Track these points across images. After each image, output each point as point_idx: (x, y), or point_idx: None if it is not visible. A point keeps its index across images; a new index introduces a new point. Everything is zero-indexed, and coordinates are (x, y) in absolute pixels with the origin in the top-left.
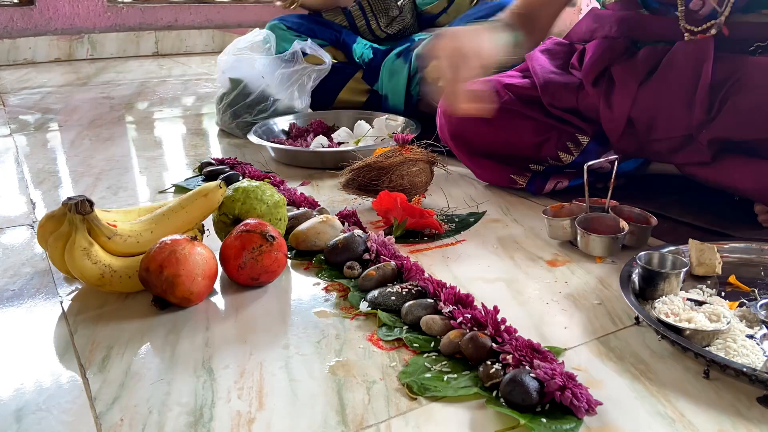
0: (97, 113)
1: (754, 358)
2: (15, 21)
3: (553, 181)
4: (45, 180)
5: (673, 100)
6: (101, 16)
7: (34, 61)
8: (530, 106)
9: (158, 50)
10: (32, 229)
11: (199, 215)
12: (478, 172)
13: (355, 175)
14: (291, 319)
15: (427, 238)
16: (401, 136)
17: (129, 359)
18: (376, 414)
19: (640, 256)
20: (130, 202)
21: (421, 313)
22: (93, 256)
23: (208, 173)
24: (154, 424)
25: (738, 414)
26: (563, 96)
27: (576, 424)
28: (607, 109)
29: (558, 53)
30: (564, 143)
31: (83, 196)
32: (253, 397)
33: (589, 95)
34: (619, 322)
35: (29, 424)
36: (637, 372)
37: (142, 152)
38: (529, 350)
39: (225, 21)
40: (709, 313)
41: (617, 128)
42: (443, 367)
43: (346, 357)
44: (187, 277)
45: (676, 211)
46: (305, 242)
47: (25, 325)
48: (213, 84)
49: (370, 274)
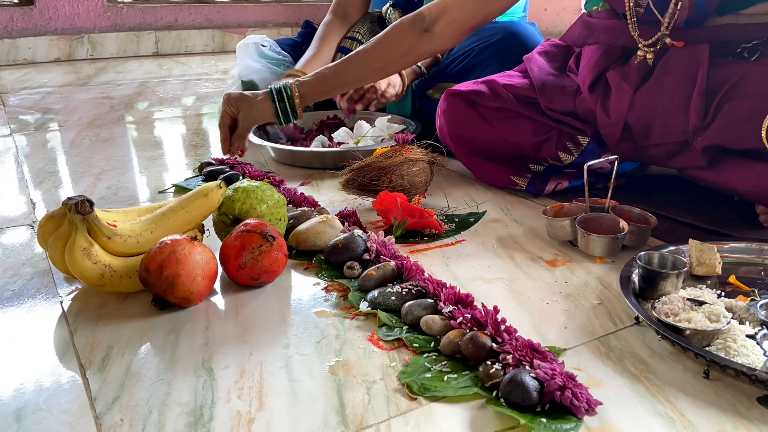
0: (97, 113)
1: (754, 358)
2: (15, 21)
3: (553, 182)
4: (45, 180)
5: (669, 106)
6: (101, 16)
7: (34, 61)
8: (529, 106)
9: (158, 50)
10: (32, 229)
11: (199, 215)
12: (477, 173)
13: (355, 175)
14: (291, 319)
15: (427, 238)
16: (401, 136)
17: (129, 359)
18: (376, 414)
19: (640, 256)
20: (130, 202)
21: (421, 313)
22: (93, 256)
23: (208, 173)
24: (154, 424)
25: (738, 414)
26: (561, 100)
27: (576, 424)
28: (603, 114)
29: (556, 55)
30: (564, 143)
31: (83, 196)
32: (253, 397)
33: (586, 100)
34: (619, 322)
35: (29, 424)
36: (636, 372)
37: (142, 152)
38: (529, 350)
39: (225, 21)
40: (709, 313)
41: (614, 134)
42: (443, 367)
43: (346, 357)
44: (187, 277)
45: (676, 211)
46: (305, 242)
47: (25, 325)
48: (213, 84)
49: (370, 274)
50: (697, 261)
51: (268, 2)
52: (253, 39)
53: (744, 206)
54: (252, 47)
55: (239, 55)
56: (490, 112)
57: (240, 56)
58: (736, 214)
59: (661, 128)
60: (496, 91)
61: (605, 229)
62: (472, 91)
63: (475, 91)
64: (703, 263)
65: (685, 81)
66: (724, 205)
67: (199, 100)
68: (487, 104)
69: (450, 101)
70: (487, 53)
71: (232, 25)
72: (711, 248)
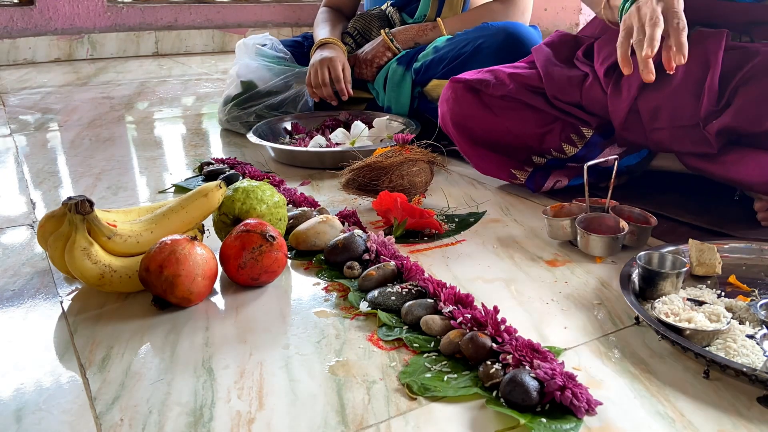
0: (97, 113)
1: (754, 358)
2: (15, 21)
3: (552, 178)
4: (45, 180)
5: (681, 90)
6: (101, 16)
7: (34, 61)
8: (534, 96)
9: (158, 50)
10: (32, 229)
11: (199, 215)
12: (478, 163)
13: (355, 175)
14: (291, 319)
15: (427, 238)
16: (401, 136)
17: (129, 359)
18: (376, 414)
19: (640, 256)
20: (130, 202)
21: (421, 313)
22: (93, 256)
23: (208, 173)
24: (154, 424)
25: (738, 414)
26: (567, 90)
27: (576, 424)
28: (614, 94)
29: (563, 46)
30: (568, 135)
31: (83, 196)
32: (253, 397)
33: (595, 87)
34: (619, 322)
35: (29, 424)
36: (636, 372)
37: (142, 152)
38: (529, 350)
39: (225, 21)
40: (709, 313)
41: (622, 113)
42: (443, 367)
43: (346, 357)
44: (187, 277)
45: (676, 211)
46: (305, 242)
47: (25, 325)
48: (213, 84)
49: (370, 274)
50: (697, 261)
51: (268, 2)
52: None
53: (744, 205)
54: (251, 46)
55: (238, 55)
56: (495, 100)
57: (238, 55)
58: (737, 214)
59: (671, 112)
60: (502, 80)
61: (605, 229)
62: (477, 80)
63: (480, 79)
64: (703, 263)
65: (701, 64)
66: (723, 205)
67: (199, 100)
68: (492, 93)
69: (454, 89)
70: (487, 53)
71: (232, 25)
72: (711, 248)
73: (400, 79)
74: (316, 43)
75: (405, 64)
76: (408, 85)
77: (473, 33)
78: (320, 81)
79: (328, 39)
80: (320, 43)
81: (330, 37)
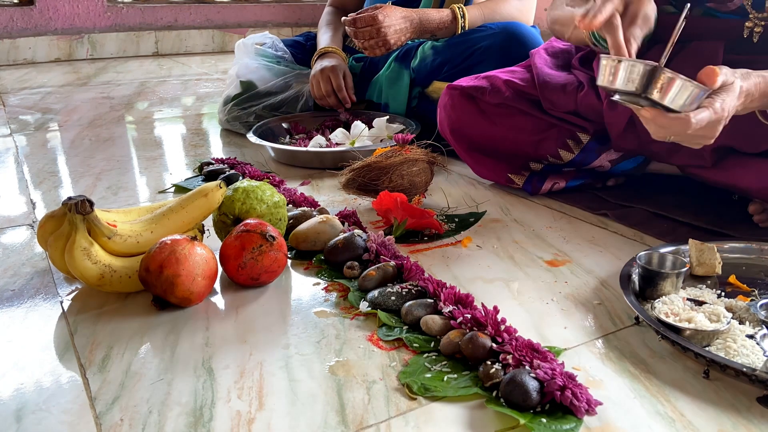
0: (97, 113)
1: (754, 358)
2: (15, 21)
3: (550, 181)
4: (45, 180)
5: None
6: (101, 16)
7: (34, 61)
8: (530, 103)
9: (158, 50)
10: (32, 229)
11: (199, 215)
12: (475, 168)
13: (355, 175)
14: (291, 319)
15: (427, 238)
16: (401, 136)
17: (129, 359)
18: (376, 414)
19: (640, 256)
20: (130, 202)
21: (421, 313)
22: (93, 256)
23: (208, 173)
24: (154, 424)
25: (738, 414)
26: (562, 99)
27: (576, 424)
28: (611, 107)
29: (560, 53)
30: (564, 140)
31: (83, 196)
32: (253, 397)
33: (590, 95)
34: (619, 322)
35: (29, 424)
36: (636, 372)
37: (142, 152)
38: (529, 350)
39: (225, 21)
40: (709, 313)
41: (619, 125)
42: (443, 367)
43: (346, 357)
44: (187, 277)
45: (676, 211)
46: (305, 242)
47: (25, 325)
48: (213, 84)
49: (370, 274)
50: (697, 261)
51: (268, 2)
52: (253, 38)
53: (743, 206)
54: (250, 46)
55: (237, 55)
56: (491, 108)
57: (238, 55)
58: (736, 214)
59: None
60: (498, 87)
61: None
62: (473, 87)
63: (476, 86)
64: (703, 263)
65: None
66: (724, 205)
67: (199, 100)
68: (488, 100)
69: (450, 95)
70: (487, 54)
71: (232, 25)
72: (711, 248)
73: (396, 75)
74: (316, 52)
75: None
76: (405, 83)
77: (474, 33)
78: (323, 92)
79: (328, 48)
80: (320, 53)
81: (330, 45)
